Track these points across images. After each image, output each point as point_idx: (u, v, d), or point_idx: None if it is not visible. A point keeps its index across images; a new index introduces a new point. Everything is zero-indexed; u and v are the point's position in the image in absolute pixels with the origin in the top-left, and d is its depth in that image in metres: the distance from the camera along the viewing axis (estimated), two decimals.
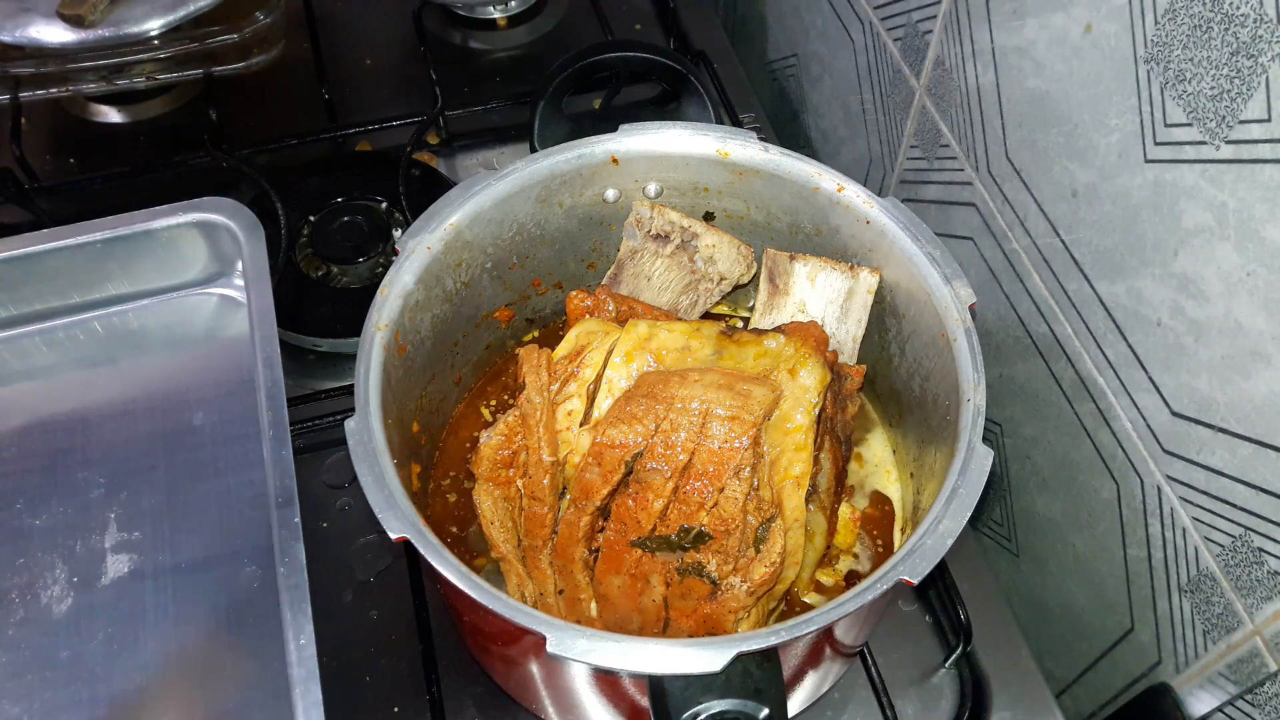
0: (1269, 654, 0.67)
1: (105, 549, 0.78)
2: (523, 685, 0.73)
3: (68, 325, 0.88)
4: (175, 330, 0.89)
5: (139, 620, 0.75)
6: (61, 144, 1.13)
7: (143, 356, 0.87)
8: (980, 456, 0.63)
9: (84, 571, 0.77)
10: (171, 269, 0.88)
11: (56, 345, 0.88)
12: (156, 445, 0.83)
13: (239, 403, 0.84)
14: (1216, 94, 0.60)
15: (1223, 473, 0.67)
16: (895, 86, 0.97)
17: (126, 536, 0.78)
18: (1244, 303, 0.62)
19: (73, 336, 0.88)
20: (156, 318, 0.89)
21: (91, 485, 0.81)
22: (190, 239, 0.87)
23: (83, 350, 0.88)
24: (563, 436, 0.70)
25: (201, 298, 0.90)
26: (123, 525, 0.79)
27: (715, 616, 0.65)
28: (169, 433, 0.83)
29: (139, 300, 0.89)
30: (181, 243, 0.87)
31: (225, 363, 0.86)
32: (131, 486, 0.80)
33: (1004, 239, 0.84)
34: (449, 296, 0.76)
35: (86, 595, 0.76)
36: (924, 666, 0.81)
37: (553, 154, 0.77)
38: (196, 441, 0.83)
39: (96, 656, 0.73)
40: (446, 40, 1.24)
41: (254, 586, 0.76)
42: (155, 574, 0.77)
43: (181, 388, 0.85)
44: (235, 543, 0.78)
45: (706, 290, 0.82)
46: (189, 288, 0.90)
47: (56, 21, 1.01)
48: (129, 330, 0.89)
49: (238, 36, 1.07)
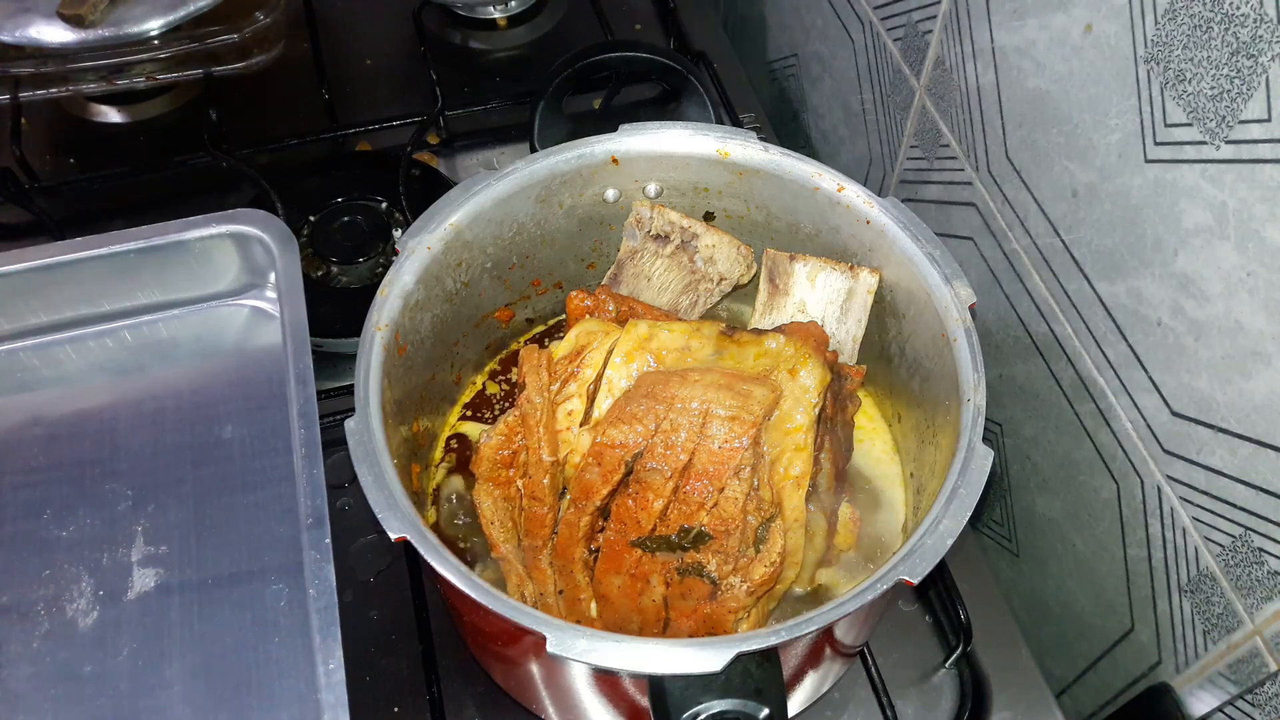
0: (1269, 654, 0.67)
1: (132, 563, 0.77)
2: (523, 685, 0.73)
3: (98, 334, 0.88)
4: (205, 341, 0.88)
5: (164, 635, 0.74)
6: (61, 144, 1.13)
7: (173, 366, 0.87)
8: (980, 456, 0.63)
9: (110, 585, 0.76)
10: (203, 279, 0.88)
11: (86, 354, 0.87)
12: (185, 458, 0.82)
13: (269, 416, 0.84)
14: (1216, 94, 0.60)
15: (1223, 473, 0.67)
16: (895, 86, 0.97)
17: (153, 550, 0.78)
18: (1244, 303, 0.62)
19: (103, 345, 0.88)
20: (187, 328, 0.89)
21: (119, 497, 0.80)
22: (223, 250, 0.87)
23: (113, 359, 0.87)
24: (563, 436, 0.70)
25: (233, 309, 0.90)
26: (149, 539, 0.78)
27: (715, 616, 0.65)
28: (197, 445, 0.83)
29: (170, 310, 0.89)
30: (214, 254, 0.87)
31: (255, 375, 0.86)
32: (159, 499, 0.80)
33: (1004, 239, 0.84)
34: (449, 296, 0.76)
35: (112, 609, 0.75)
36: (924, 666, 0.81)
37: (553, 154, 0.77)
38: (225, 455, 0.82)
39: (121, 671, 0.73)
40: (446, 40, 1.24)
41: (280, 605, 0.75)
42: (182, 589, 0.76)
43: (211, 400, 0.85)
44: (263, 560, 0.77)
45: (706, 290, 0.82)
46: (220, 299, 0.90)
47: (56, 21, 1.01)
48: (159, 340, 0.88)
49: (238, 36, 1.07)
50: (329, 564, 0.68)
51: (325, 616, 0.66)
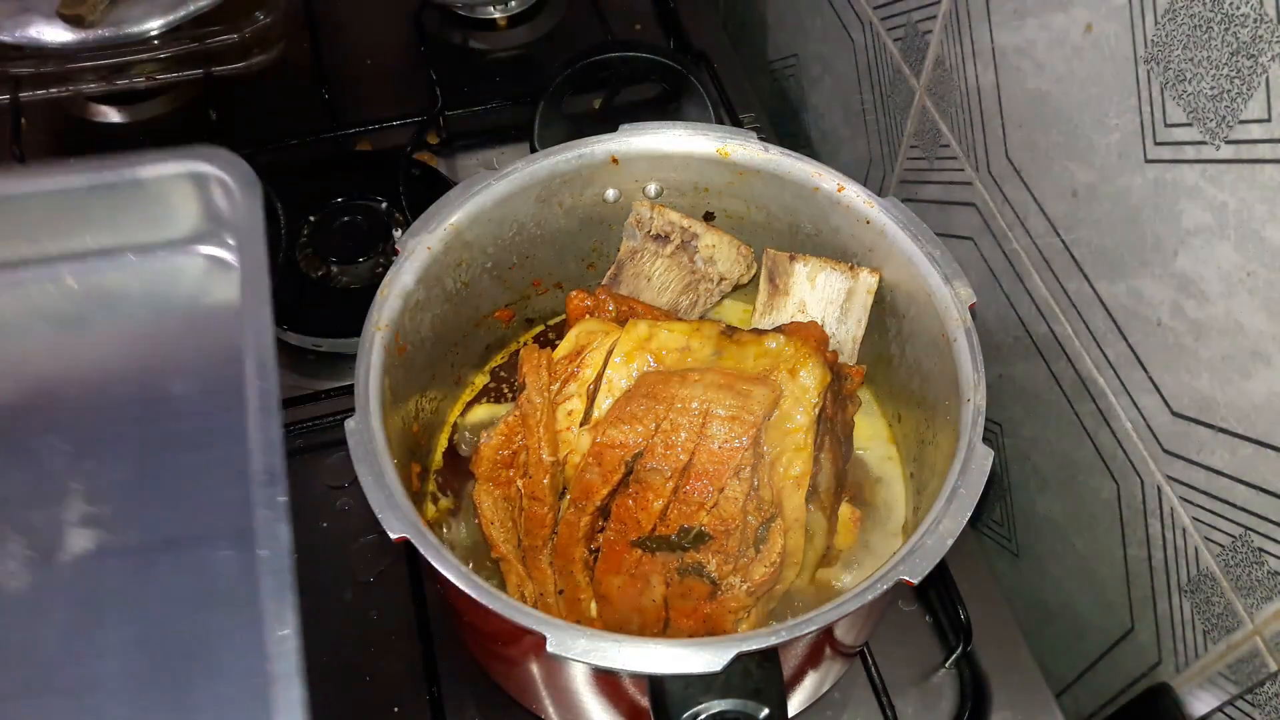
0: (1269, 654, 0.67)
1: (66, 522, 0.70)
2: (523, 685, 0.73)
3: (38, 277, 0.79)
4: (158, 290, 0.80)
5: (101, 601, 0.67)
6: (61, 144, 1.13)
7: (121, 316, 0.79)
8: (980, 456, 0.63)
9: (42, 546, 0.69)
10: (158, 223, 0.79)
11: (25, 299, 0.79)
12: (129, 413, 0.74)
13: (224, 373, 0.75)
14: (1216, 94, 0.60)
15: (1223, 473, 0.67)
16: (895, 86, 0.97)
17: (91, 510, 0.70)
18: (1244, 303, 0.62)
19: (43, 290, 0.79)
20: (138, 275, 0.80)
21: (55, 452, 0.73)
22: (182, 191, 0.78)
23: (54, 305, 0.79)
24: (563, 436, 0.70)
25: (189, 258, 0.80)
26: (87, 498, 0.71)
27: (715, 616, 0.65)
28: (144, 400, 0.75)
29: (120, 255, 0.80)
30: (172, 195, 0.78)
31: (211, 330, 0.78)
32: (99, 456, 0.72)
33: (1004, 239, 0.84)
34: (449, 296, 0.76)
35: (44, 572, 0.68)
36: (924, 666, 0.81)
37: (553, 154, 0.77)
38: (174, 412, 0.74)
39: (53, 639, 0.66)
40: (446, 40, 1.24)
41: (231, 571, 0.68)
42: (121, 552, 0.69)
43: (161, 353, 0.77)
44: (212, 522, 0.70)
45: (706, 290, 0.82)
46: (176, 245, 0.80)
47: (56, 21, 1.01)
48: (107, 287, 0.79)
49: (238, 36, 1.07)
50: (283, 523, 0.62)
51: (279, 579, 0.60)
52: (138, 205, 0.78)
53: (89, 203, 0.78)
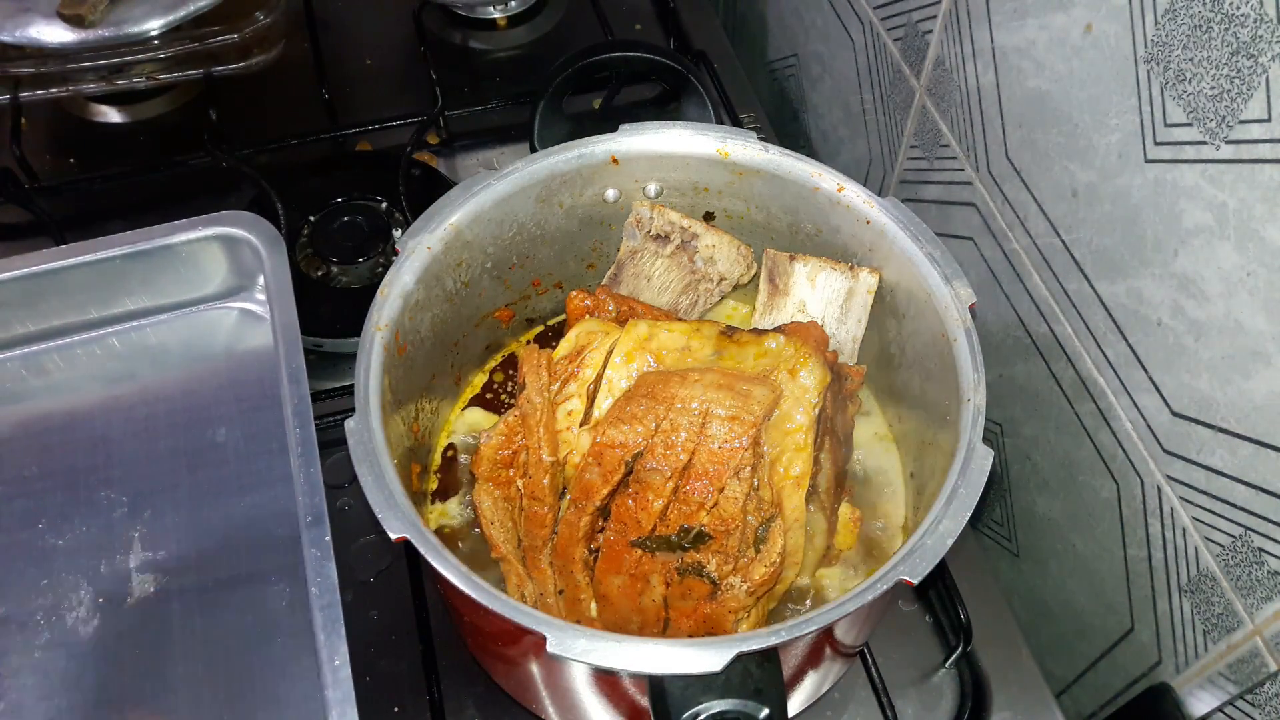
0: (1269, 654, 0.67)
1: (130, 569, 0.77)
2: (523, 685, 0.73)
3: (86, 341, 0.87)
4: (195, 345, 0.88)
5: (166, 641, 0.74)
6: (61, 144, 1.13)
7: (163, 372, 0.87)
8: (980, 456, 0.63)
9: (109, 592, 0.76)
10: (191, 283, 0.88)
11: (75, 362, 0.87)
12: (179, 462, 0.82)
13: (262, 418, 0.83)
14: (1216, 94, 0.60)
15: (1223, 473, 0.67)
16: (895, 86, 0.97)
17: (151, 556, 0.77)
18: (1244, 303, 0.62)
19: (91, 353, 0.87)
20: (176, 333, 0.88)
21: (115, 504, 0.80)
22: (210, 253, 0.86)
23: (102, 366, 0.87)
24: (563, 436, 0.70)
25: (222, 312, 0.89)
26: (147, 544, 0.78)
27: (715, 616, 0.65)
28: (191, 449, 0.82)
29: (158, 315, 0.88)
30: (202, 257, 0.86)
31: (246, 378, 0.86)
32: (155, 505, 0.80)
33: (1004, 239, 0.84)
34: (449, 296, 0.76)
35: (112, 616, 0.75)
36: (924, 666, 0.81)
37: (553, 154, 0.77)
38: (220, 458, 0.82)
39: (124, 679, 0.72)
40: (446, 40, 1.24)
41: (282, 605, 0.75)
42: (181, 593, 0.76)
43: (203, 403, 0.85)
44: (262, 561, 0.77)
45: (706, 290, 0.82)
46: (209, 302, 0.89)
47: (56, 21, 1.01)
48: (148, 345, 0.88)
49: (238, 36, 1.07)
50: (330, 561, 0.68)
51: (329, 614, 0.66)
52: (172, 268, 0.86)
53: (127, 270, 0.85)
